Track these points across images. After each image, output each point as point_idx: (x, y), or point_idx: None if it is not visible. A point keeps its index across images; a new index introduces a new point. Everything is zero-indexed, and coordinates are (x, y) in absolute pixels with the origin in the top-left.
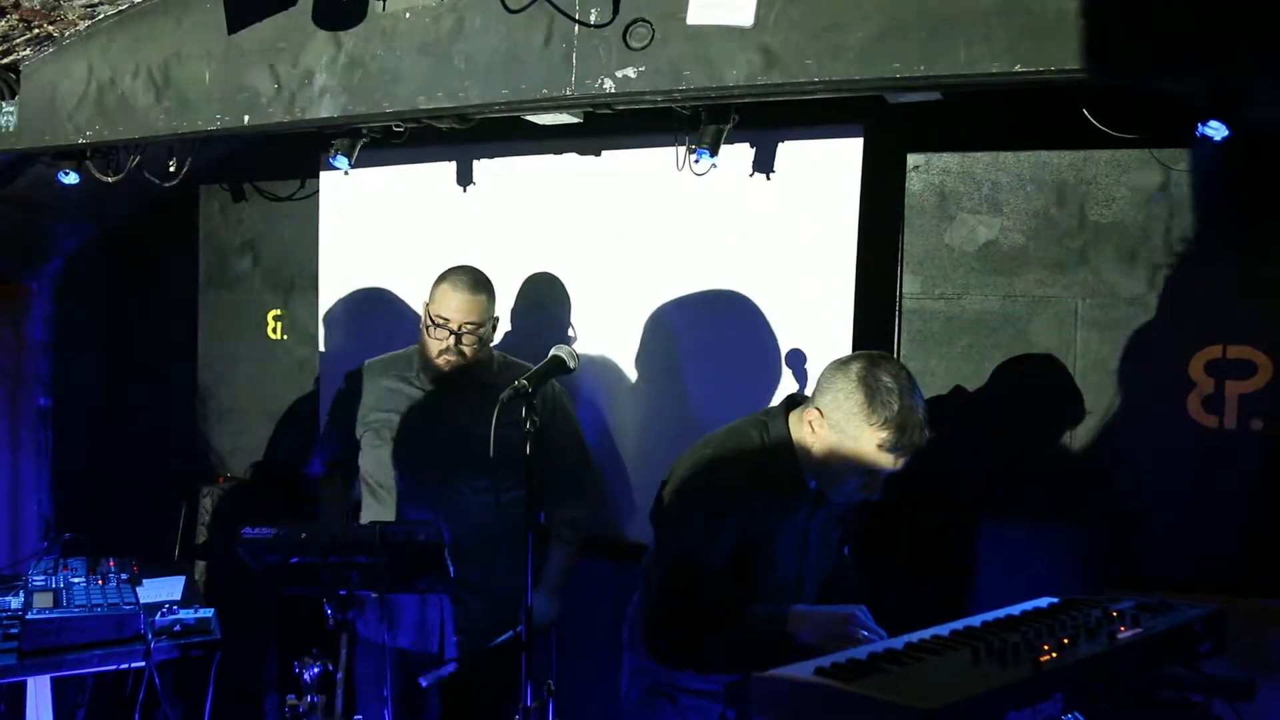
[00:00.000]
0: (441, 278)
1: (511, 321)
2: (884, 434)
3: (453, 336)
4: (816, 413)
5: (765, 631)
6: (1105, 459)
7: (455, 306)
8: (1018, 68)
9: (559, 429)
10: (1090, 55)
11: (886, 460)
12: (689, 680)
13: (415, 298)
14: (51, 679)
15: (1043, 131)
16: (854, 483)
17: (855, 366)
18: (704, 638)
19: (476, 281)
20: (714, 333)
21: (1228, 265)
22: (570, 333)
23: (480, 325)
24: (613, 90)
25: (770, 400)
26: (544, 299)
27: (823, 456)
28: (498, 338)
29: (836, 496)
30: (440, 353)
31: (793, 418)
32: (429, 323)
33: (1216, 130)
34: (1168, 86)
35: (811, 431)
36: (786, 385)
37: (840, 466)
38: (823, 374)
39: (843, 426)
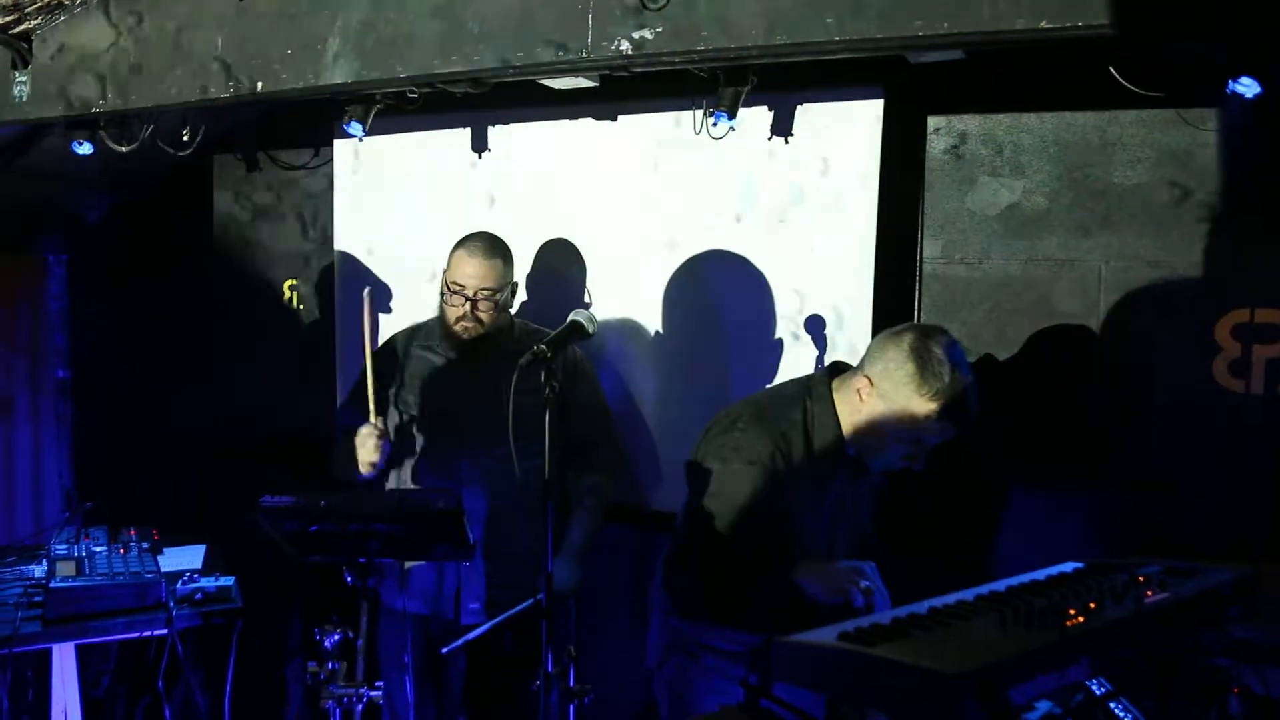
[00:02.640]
0: (458, 244)
1: (527, 289)
2: (933, 405)
3: (468, 303)
4: (866, 381)
5: (777, 581)
6: (1130, 424)
7: (470, 273)
8: (1043, 24)
9: (581, 396)
10: (1119, 10)
11: (933, 431)
12: (712, 639)
13: (431, 265)
14: (76, 646)
15: (1066, 92)
16: (898, 451)
17: (908, 337)
18: (721, 584)
19: (492, 247)
20: (732, 298)
21: (1256, 227)
22: (586, 298)
23: (496, 291)
24: (629, 52)
25: (788, 366)
26: (559, 265)
27: (869, 425)
28: (515, 305)
29: (878, 465)
30: (457, 320)
31: (836, 384)
32: (445, 290)
33: (1248, 87)
34: (1200, 42)
35: (860, 400)
36: (806, 351)
37: (887, 435)
38: (873, 343)
39: (892, 396)
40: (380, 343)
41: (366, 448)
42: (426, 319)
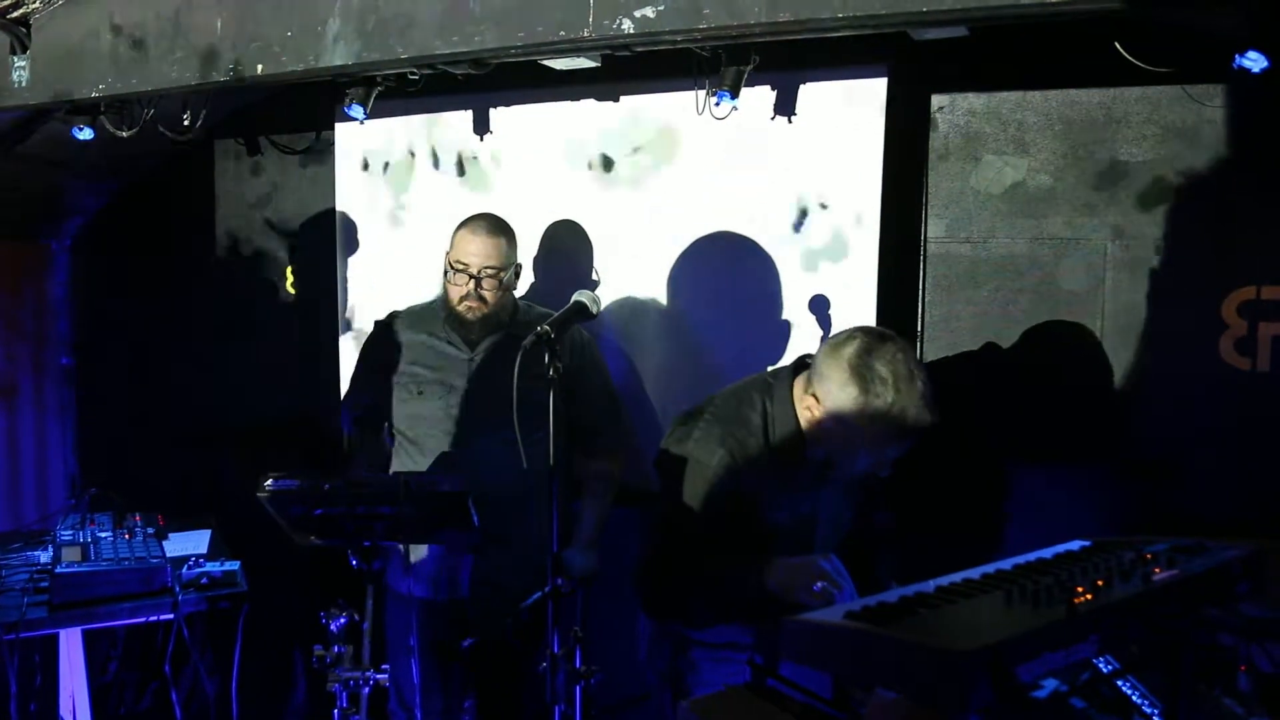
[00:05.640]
0: (461, 224)
1: (534, 271)
2: (880, 429)
3: (472, 281)
4: (813, 400)
5: (746, 583)
6: (1136, 403)
7: (474, 251)
8: None
9: (587, 378)
10: None
11: (890, 444)
12: (700, 635)
13: (433, 248)
14: (83, 631)
15: (1071, 69)
16: (862, 463)
17: (848, 354)
18: (687, 593)
19: (495, 226)
20: (737, 278)
21: (1262, 204)
22: (595, 277)
23: (500, 270)
24: (631, 31)
25: (793, 346)
26: (566, 247)
27: (827, 440)
28: (522, 288)
29: (844, 474)
30: (461, 299)
31: (798, 383)
32: (449, 270)
33: (1255, 61)
34: (1206, 16)
35: (813, 415)
36: (810, 331)
37: (844, 450)
38: (818, 356)
39: (840, 417)
40: (378, 325)
41: None
42: (427, 301)
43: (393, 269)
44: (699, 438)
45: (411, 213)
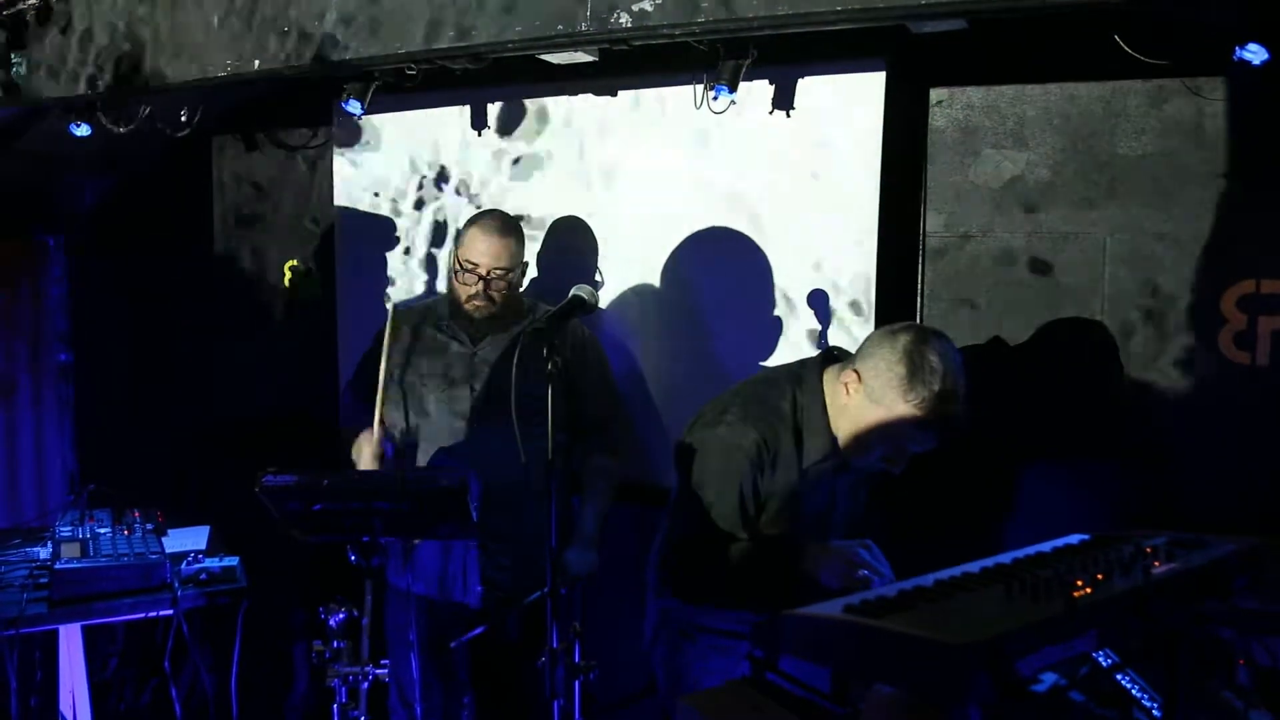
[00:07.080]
0: (470, 222)
1: (538, 268)
2: (918, 413)
3: (482, 282)
4: (854, 375)
5: (778, 566)
6: (1135, 397)
7: (484, 251)
8: None
9: (588, 374)
10: None
11: (914, 438)
12: (709, 620)
13: (431, 245)
14: (82, 627)
15: (1070, 62)
16: (878, 452)
17: (904, 339)
18: (718, 574)
19: (505, 226)
20: (737, 273)
21: (1262, 198)
22: (598, 277)
23: (509, 270)
24: (629, 25)
25: (792, 341)
26: (571, 243)
27: (852, 421)
28: (525, 284)
29: (857, 463)
30: (469, 299)
31: (828, 375)
32: (457, 268)
33: (1255, 54)
34: (1206, 8)
35: (846, 393)
36: (808, 325)
37: (868, 434)
38: (869, 338)
39: (878, 396)
40: (389, 319)
41: (364, 457)
42: (434, 297)
43: (390, 265)
44: (732, 422)
45: (408, 209)
